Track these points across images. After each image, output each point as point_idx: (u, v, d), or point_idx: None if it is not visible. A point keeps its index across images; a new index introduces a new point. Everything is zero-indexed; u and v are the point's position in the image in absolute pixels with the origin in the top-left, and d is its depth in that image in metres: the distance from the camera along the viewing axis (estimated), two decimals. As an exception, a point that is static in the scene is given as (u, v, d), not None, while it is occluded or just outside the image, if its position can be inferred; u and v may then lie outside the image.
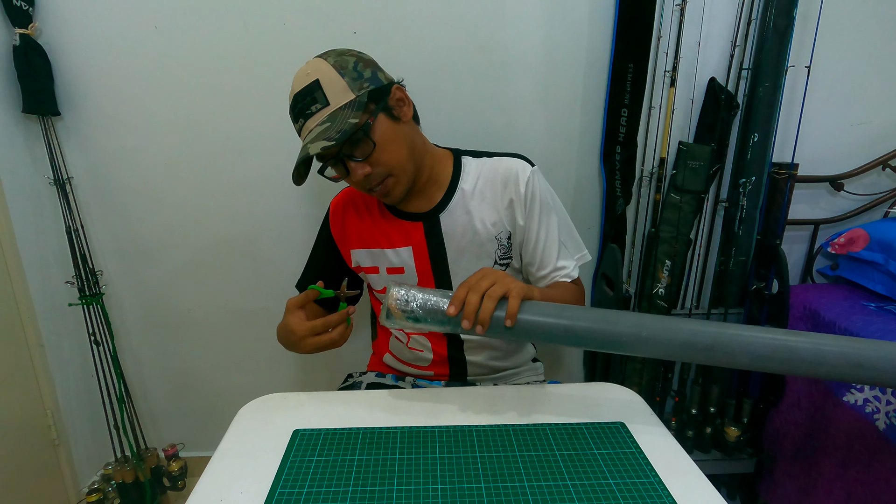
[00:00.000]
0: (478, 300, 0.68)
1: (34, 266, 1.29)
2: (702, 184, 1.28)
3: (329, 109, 0.78)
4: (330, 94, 0.78)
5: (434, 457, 0.65)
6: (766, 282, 1.30)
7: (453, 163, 0.93)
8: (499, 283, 0.69)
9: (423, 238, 0.91)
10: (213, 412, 1.54)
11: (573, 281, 0.94)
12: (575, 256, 0.96)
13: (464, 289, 0.69)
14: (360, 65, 0.81)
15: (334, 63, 0.79)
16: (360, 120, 0.77)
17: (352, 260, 0.98)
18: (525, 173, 0.89)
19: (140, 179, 1.31)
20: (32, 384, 1.31)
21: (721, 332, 0.66)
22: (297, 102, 0.80)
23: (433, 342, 0.98)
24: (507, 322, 0.68)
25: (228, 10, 1.19)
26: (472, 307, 0.68)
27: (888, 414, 1.01)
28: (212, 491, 0.61)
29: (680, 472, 0.63)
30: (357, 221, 0.96)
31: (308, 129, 0.79)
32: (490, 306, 0.67)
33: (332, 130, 0.76)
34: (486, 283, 0.69)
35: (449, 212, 0.90)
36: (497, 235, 0.91)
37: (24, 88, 1.18)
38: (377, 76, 0.82)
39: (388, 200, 0.89)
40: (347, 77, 0.78)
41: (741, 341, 0.65)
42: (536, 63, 1.24)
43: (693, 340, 0.66)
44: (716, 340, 0.65)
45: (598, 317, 0.69)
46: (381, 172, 0.82)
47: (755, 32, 1.20)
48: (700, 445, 1.38)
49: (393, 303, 0.69)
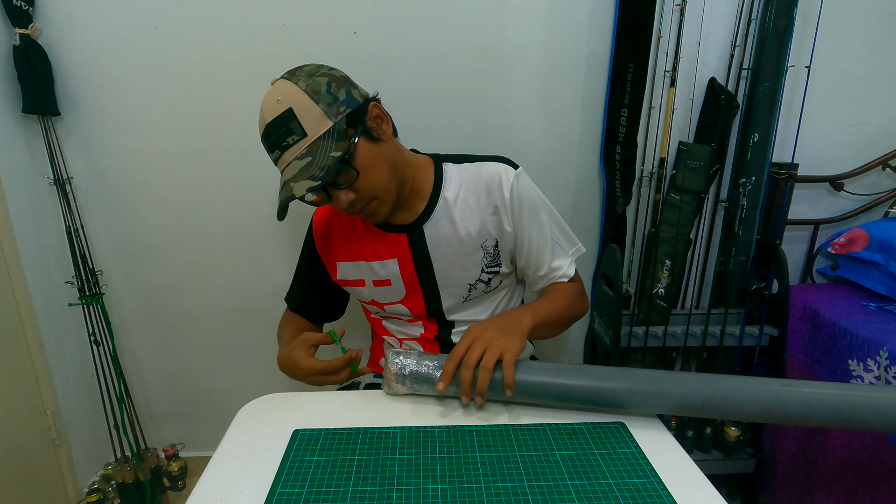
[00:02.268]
0: (470, 375, 0.68)
1: (34, 266, 1.29)
2: (702, 184, 1.28)
3: (307, 141, 0.74)
4: (306, 123, 0.73)
5: (434, 457, 0.65)
6: (766, 282, 1.30)
7: (434, 171, 0.90)
8: (490, 349, 0.69)
9: (407, 250, 0.90)
10: (213, 412, 1.54)
11: (571, 279, 0.93)
12: (569, 252, 0.95)
13: (452, 363, 0.70)
14: (333, 86, 0.76)
15: (306, 88, 0.74)
16: (342, 151, 0.74)
17: (337, 272, 0.96)
18: (508, 178, 0.86)
19: (140, 179, 1.31)
20: (32, 384, 1.31)
21: (713, 394, 0.69)
22: (271, 133, 0.75)
23: (425, 346, 0.98)
24: (507, 393, 0.69)
25: (228, 11, 1.19)
26: (466, 384, 0.69)
27: (888, 414, 1.01)
28: (212, 491, 0.61)
29: (680, 472, 0.63)
30: (341, 234, 0.95)
31: (286, 161, 0.75)
32: (486, 378, 0.68)
33: (315, 168, 0.72)
34: (476, 353, 0.69)
35: (432, 222, 0.88)
36: (483, 244, 0.89)
37: (24, 88, 1.18)
38: (352, 95, 0.77)
39: (373, 220, 0.87)
40: (322, 103, 0.74)
41: (732, 403, 0.68)
42: (536, 63, 1.24)
43: (685, 403, 0.69)
44: (706, 403, 0.69)
45: (595, 376, 0.72)
46: (366, 197, 0.80)
47: (755, 32, 1.20)
48: (700, 445, 1.38)
49: (390, 373, 0.73)
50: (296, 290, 1.03)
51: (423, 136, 1.23)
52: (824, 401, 0.66)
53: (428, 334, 0.97)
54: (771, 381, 0.68)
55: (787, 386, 0.68)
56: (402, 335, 0.99)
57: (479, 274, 0.91)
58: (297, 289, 1.03)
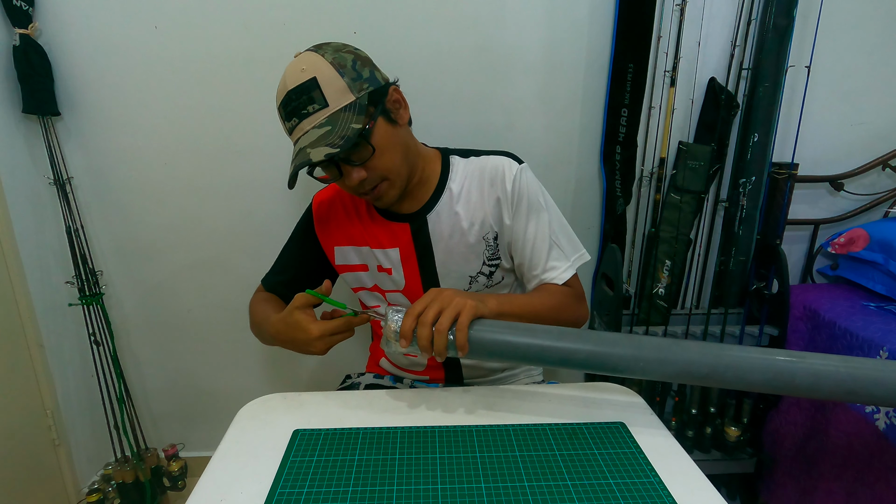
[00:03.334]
0: (427, 332, 0.66)
1: (34, 266, 1.29)
2: (702, 184, 1.28)
3: (328, 111, 0.74)
4: (329, 94, 0.74)
5: (434, 457, 0.65)
6: (766, 282, 1.30)
7: (441, 163, 0.91)
8: (447, 309, 0.67)
9: (410, 239, 0.90)
10: (213, 412, 1.54)
11: (566, 283, 0.89)
12: (571, 258, 0.91)
13: (410, 318, 0.67)
14: (359, 63, 0.77)
15: (332, 60, 0.75)
16: (361, 125, 0.74)
17: (335, 256, 0.95)
18: (511, 171, 0.87)
19: (140, 179, 1.31)
20: (32, 384, 1.31)
21: (718, 362, 0.66)
22: (292, 100, 0.75)
23: None
24: (459, 353, 0.67)
25: (228, 10, 1.19)
26: (423, 341, 0.67)
27: (888, 414, 1.01)
28: (212, 491, 0.61)
29: (680, 472, 0.63)
30: (344, 219, 0.94)
31: (303, 129, 0.75)
32: (441, 340, 0.66)
33: (335, 136, 0.73)
34: (432, 311, 0.67)
35: (436, 213, 0.89)
36: (485, 236, 0.89)
37: (24, 88, 1.18)
38: (375, 76, 0.79)
39: (379, 204, 0.87)
40: (347, 77, 0.75)
41: (737, 372, 0.65)
42: (536, 63, 1.24)
43: (689, 371, 0.67)
44: (712, 372, 0.66)
45: (599, 341, 0.69)
46: (377, 177, 0.80)
47: (755, 32, 1.20)
48: (700, 445, 1.38)
49: (390, 330, 0.69)
50: (278, 271, 0.99)
51: (424, 135, 1.22)
52: (831, 373, 0.64)
53: None
54: (778, 352, 0.66)
55: (793, 357, 0.66)
56: None
57: (481, 266, 0.91)
58: (279, 271, 0.99)
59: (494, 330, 0.69)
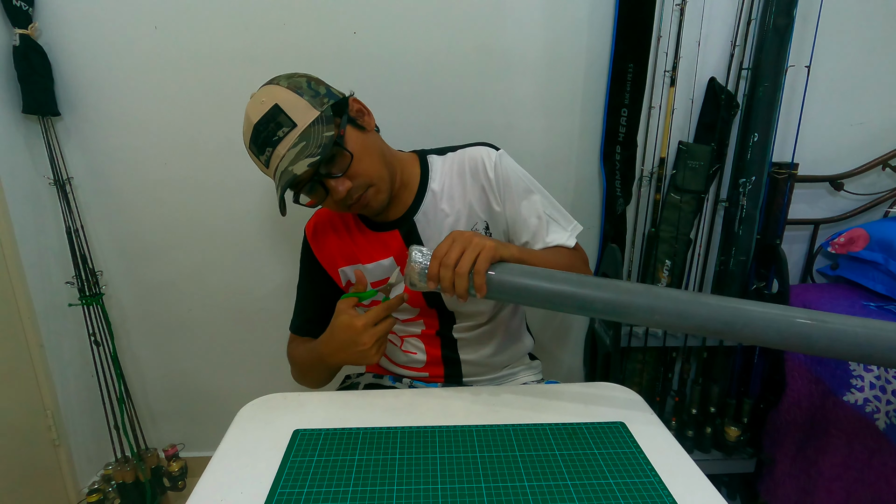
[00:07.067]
0: (449, 274, 0.68)
1: (34, 266, 1.28)
2: (702, 183, 1.28)
3: (298, 129, 0.75)
4: (294, 114, 0.75)
5: (434, 457, 0.65)
6: (766, 281, 1.30)
7: (420, 164, 0.92)
8: (469, 249, 0.69)
9: (401, 245, 0.90)
10: (213, 412, 1.54)
11: (573, 248, 0.91)
12: (567, 228, 0.93)
13: (435, 262, 0.70)
14: (313, 83, 0.79)
15: (287, 86, 0.77)
16: (333, 132, 0.75)
17: (341, 279, 0.96)
18: (491, 159, 0.88)
19: (140, 179, 1.31)
20: (32, 384, 1.31)
21: (736, 319, 0.66)
22: (260, 132, 0.76)
23: (426, 343, 0.98)
24: (478, 295, 0.69)
25: (228, 11, 1.19)
26: (446, 283, 0.69)
27: (888, 413, 1.01)
28: (212, 491, 0.61)
29: (680, 472, 0.63)
30: (336, 240, 0.95)
31: (279, 155, 0.76)
32: (462, 283, 0.68)
33: (312, 147, 0.73)
34: (454, 252, 0.69)
35: (423, 213, 0.90)
36: (474, 227, 0.90)
37: (24, 88, 1.18)
38: (331, 91, 0.81)
39: (368, 212, 0.86)
40: (306, 96, 0.76)
41: (753, 330, 0.66)
42: (536, 63, 1.24)
43: (705, 325, 0.67)
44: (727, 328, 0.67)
45: (618, 290, 0.70)
46: (362, 184, 0.80)
47: (755, 32, 1.20)
48: (700, 445, 1.38)
49: (413, 271, 0.72)
50: (301, 312, 1.00)
51: (423, 135, 1.23)
52: (847, 332, 0.64)
53: (429, 330, 0.97)
54: (796, 311, 0.67)
55: (811, 317, 0.66)
56: (404, 333, 0.99)
57: None
58: (303, 311, 1.00)
59: (515, 273, 0.71)
